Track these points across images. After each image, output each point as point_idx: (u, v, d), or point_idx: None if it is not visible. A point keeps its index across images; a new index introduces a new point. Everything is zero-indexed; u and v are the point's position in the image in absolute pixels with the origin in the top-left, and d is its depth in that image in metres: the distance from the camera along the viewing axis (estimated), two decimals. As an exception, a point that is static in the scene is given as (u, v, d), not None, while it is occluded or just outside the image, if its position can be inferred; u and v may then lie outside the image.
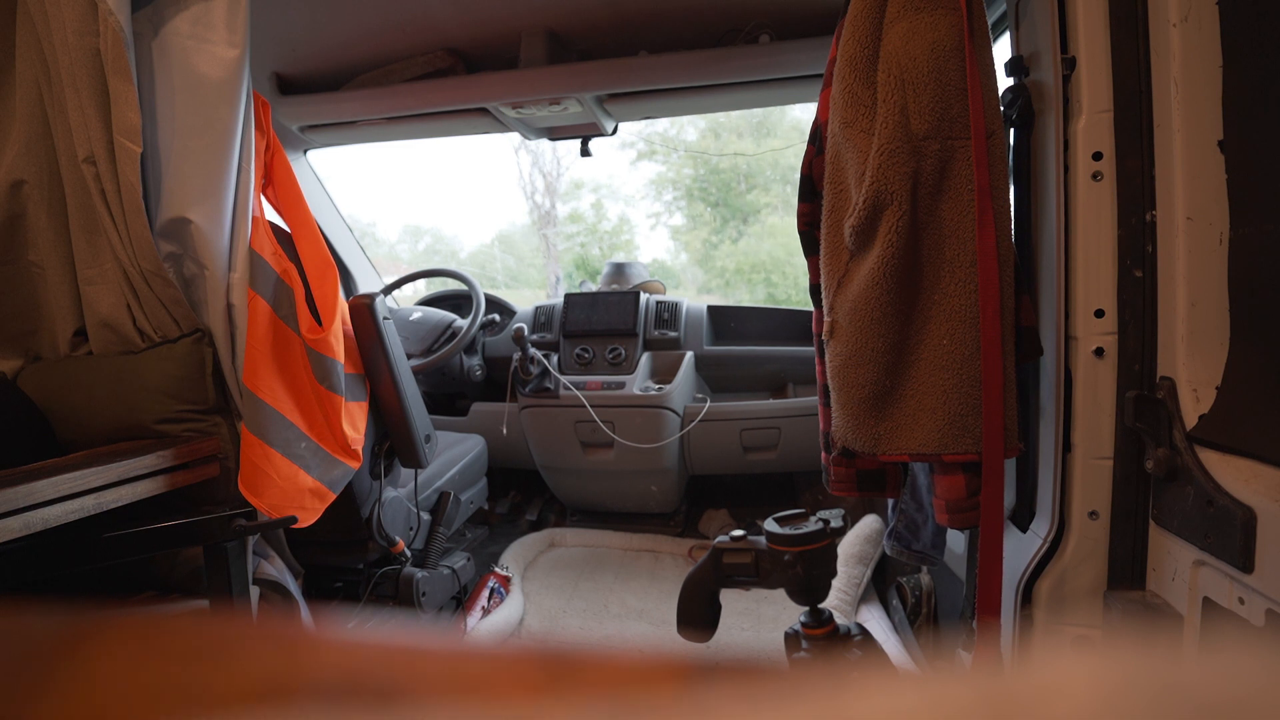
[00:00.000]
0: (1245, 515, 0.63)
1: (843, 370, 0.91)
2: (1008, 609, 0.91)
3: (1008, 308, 0.82)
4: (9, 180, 1.13)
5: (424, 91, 1.83)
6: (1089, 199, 0.81)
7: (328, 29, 1.74)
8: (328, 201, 2.37)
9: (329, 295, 1.24)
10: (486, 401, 2.31)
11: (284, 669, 0.16)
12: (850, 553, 1.78)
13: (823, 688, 0.13)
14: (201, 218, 1.09)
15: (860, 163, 0.86)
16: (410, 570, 1.56)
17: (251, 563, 1.17)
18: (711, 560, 0.92)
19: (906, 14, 0.83)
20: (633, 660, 0.16)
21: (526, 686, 0.15)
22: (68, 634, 0.18)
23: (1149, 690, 0.11)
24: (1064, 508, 0.86)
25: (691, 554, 2.16)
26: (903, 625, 1.54)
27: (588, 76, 1.73)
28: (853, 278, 0.90)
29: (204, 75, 1.08)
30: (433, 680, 0.15)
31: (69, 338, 1.18)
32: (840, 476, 1.05)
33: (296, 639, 0.17)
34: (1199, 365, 0.74)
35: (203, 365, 1.12)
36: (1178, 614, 0.74)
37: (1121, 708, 0.11)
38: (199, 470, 1.09)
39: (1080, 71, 0.81)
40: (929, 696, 0.12)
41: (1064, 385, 0.85)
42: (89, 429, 1.10)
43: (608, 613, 1.85)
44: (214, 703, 0.15)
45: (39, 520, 0.83)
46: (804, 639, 0.91)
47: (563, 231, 11.31)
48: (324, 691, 0.15)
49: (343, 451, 1.26)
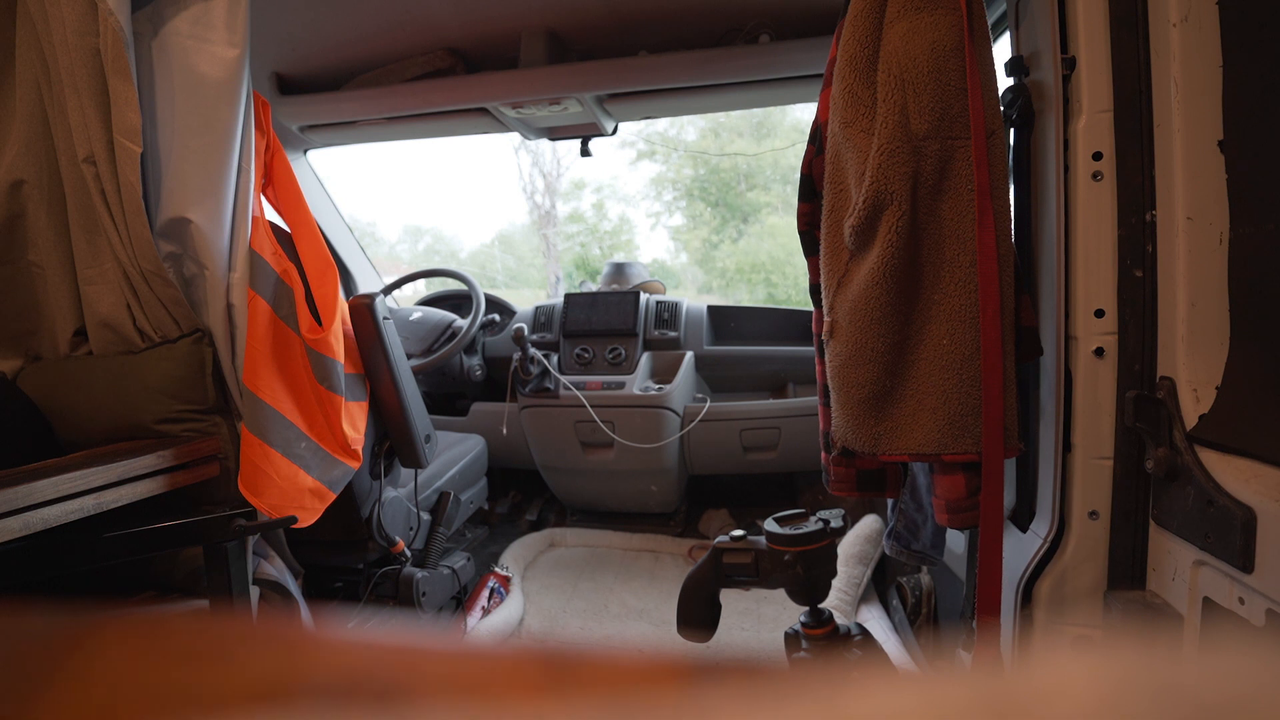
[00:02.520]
0: (1245, 515, 0.63)
1: (843, 370, 0.91)
2: (1008, 609, 0.91)
3: (1008, 308, 0.82)
4: (9, 180, 1.13)
5: (424, 91, 1.83)
6: (1089, 199, 0.81)
7: (328, 29, 1.74)
8: (328, 201, 2.37)
9: (329, 295, 1.24)
10: (486, 401, 2.31)
11: (284, 669, 0.16)
12: (850, 553, 1.78)
13: (823, 688, 0.13)
14: (201, 218, 1.09)
15: (860, 162, 0.86)
16: (410, 570, 1.56)
17: (251, 563, 1.17)
18: (711, 560, 0.92)
19: (906, 14, 0.83)
20: (633, 660, 0.16)
21: (526, 686, 0.15)
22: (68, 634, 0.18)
23: (1149, 690, 0.11)
24: (1064, 508, 0.86)
25: (691, 554, 2.16)
26: (903, 625, 1.54)
27: (588, 76, 1.73)
28: (853, 277, 0.90)
29: (204, 75, 1.08)
30: (433, 680, 0.15)
31: (69, 338, 1.18)
32: (840, 476, 1.05)
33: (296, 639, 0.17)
34: (1199, 365, 0.74)
35: (203, 365, 1.12)
36: (1178, 614, 0.74)
37: (1121, 708, 0.11)
38: (199, 470, 1.09)
39: (1080, 71, 0.81)
40: (929, 696, 0.12)
41: (1064, 385, 0.85)
42: (89, 429, 1.10)
43: (608, 613, 1.85)
44: (214, 703, 0.15)
45: (39, 520, 0.83)
46: (804, 639, 0.91)
47: (563, 231, 11.31)
48: (324, 691, 0.15)
49: (343, 451, 1.26)
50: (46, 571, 1.00)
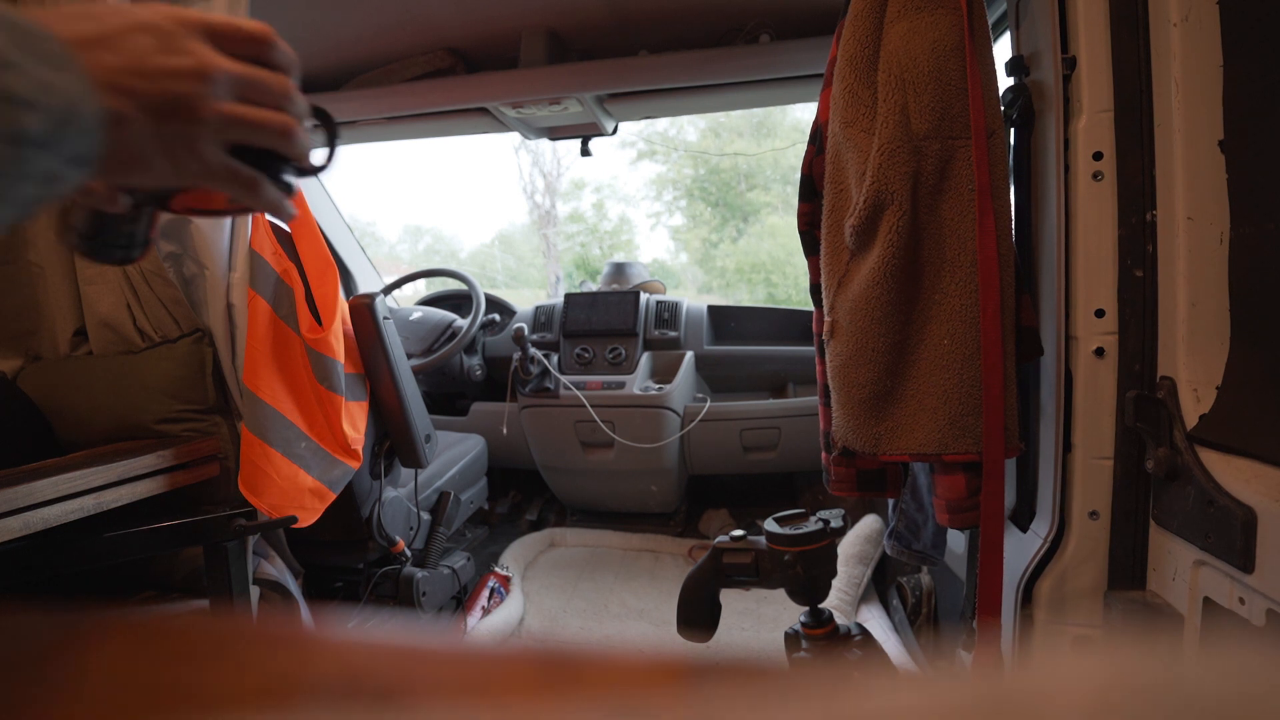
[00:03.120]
0: (1245, 515, 0.63)
1: (843, 370, 0.91)
2: (1008, 609, 0.91)
3: (1008, 308, 0.82)
4: (9, 180, 1.13)
5: (424, 91, 1.83)
6: (1089, 199, 0.81)
7: (328, 29, 1.74)
8: (328, 201, 2.37)
9: (329, 295, 1.24)
10: (486, 401, 2.31)
11: (284, 669, 0.16)
12: (850, 553, 1.78)
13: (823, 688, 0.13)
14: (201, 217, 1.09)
15: (860, 162, 0.86)
16: (410, 570, 1.56)
17: (251, 563, 1.17)
18: (711, 560, 0.92)
19: (907, 13, 0.83)
20: (633, 660, 0.16)
21: (526, 686, 0.15)
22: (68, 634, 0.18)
23: (1149, 690, 0.11)
24: (1064, 508, 0.86)
25: (691, 554, 2.16)
26: (903, 625, 1.54)
27: (588, 76, 1.73)
28: (853, 277, 0.90)
29: (204, 75, 1.08)
30: (432, 680, 0.15)
31: (69, 338, 1.18)
32: (840, 476, 1.05)
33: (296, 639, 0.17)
34: (1199, 365, 0.74)
35: (203, 365, 1.12)
36: (1178, 614, 0.74)
37: (1122, 708, 0.11)
38: (199, 470, 1.09)
39: (1080, 71, 0.81)
40: (929, 696, 0.12)
41: (1064, 385, 0.85)
42: (89, 429, 1.11)
43: (608, 613, 1.85)
44: (214, 703, 0.15)
45: (39, 520, 0.83)
46: (804, 639, 0.91)
47: (563, 231, 11.31)
48: (324, 691, 0.15)
49: (343, 451, 1.26)
50: (46, 571, 1.00)
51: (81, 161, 0.28)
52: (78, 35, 0.29)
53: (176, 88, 0.32)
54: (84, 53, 0.29)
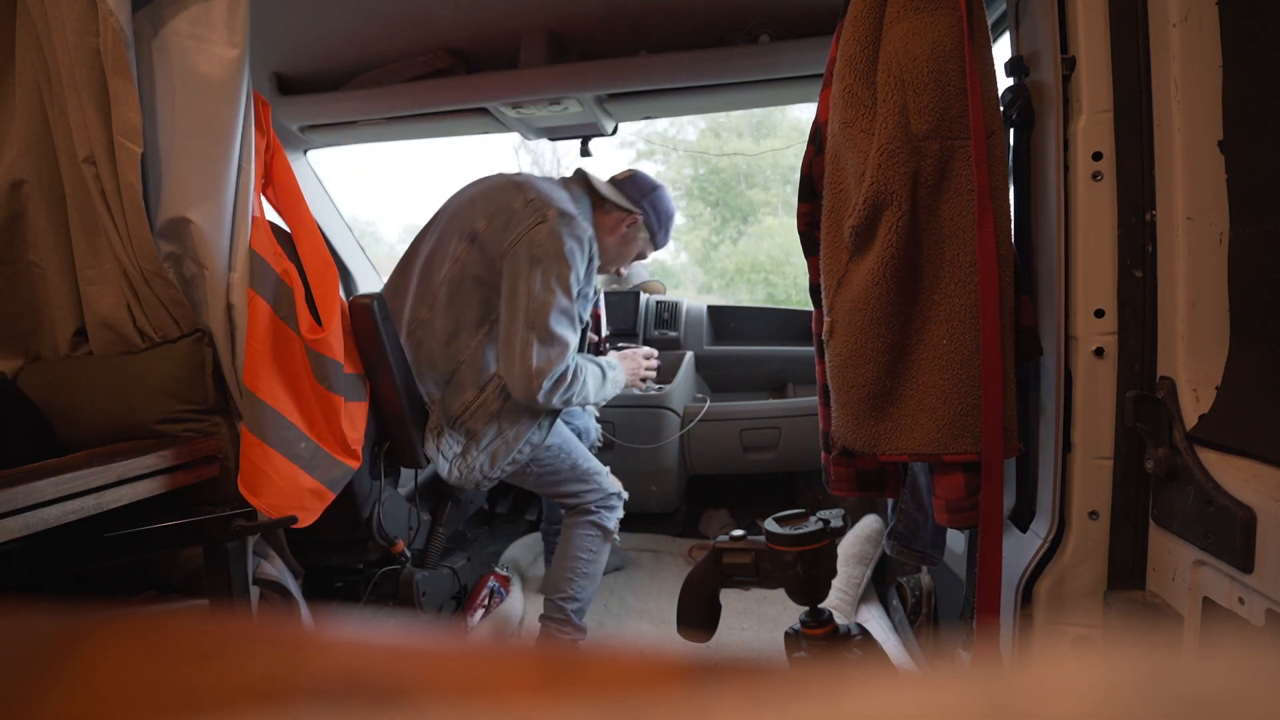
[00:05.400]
0: (1245, 515, 0.63)
1: (842, 370, 0.91)
2: (1008, 609, 0.91)
3: (1008, 308, 0.82)
4: (9, 180, 1.13)
5: (424, 91, 1.83)
6: (1089, 199, 0.81)
7: (328, 29, 1.74)
8: (328, 201, 2.36)
9: (329, 295, 1.24)
10: (486, 401, 2.31)
11: (284, 669, 0.16)
12: (850, 553, 1.78)
13: (823, 688, 0.13)
14: (201, 218, 1.09)
15: (860, 163, 0.86)
16: (410, 570, 1.55)
17: (251, 563, 1.17)
18: (711, 560, 0.92)
19: (906, 14, 0.83)
20: (633, 660, 0.16)
21: (526, 686, 0.15)
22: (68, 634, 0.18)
23: (1149, 690, 0.11)
24: (1064, 508, 0.86)
25: (691, 554, 2.16)
26: (903, 625, 1.54)
27: (588, 76, 1.73)
28: (852, 278, 0.90)
29: (204, 75, 1.08)
30: (432, 680, 0.15)
31: (69, 338, 1.17)
32: (840, 476, 1.05)
33: (296, 639, 0.17)
34: (1199, 365, 0.74)
35: (203, 365, 1.12)
36: (1178, 614, 0.74)
37: (1121, 708, 0.11)
38: (199, 470, 1.09)
39: (1080, 71, 0.81)
40: (929, 696, 0.12)
41: (1064, 385, 0.85)
42: (89, 429, 1.10)
43: (608, 613, 1.85)
44: (214, 703, 0.15)
45: (39, 520, 0.83)
46: (804, 639, 0.91)
47: (563, 231, 11.27)
48: (324, 691, 0.15)
49: (343, 451, 1.26)
50: (46, 571, 1.00)
51: None
52: None
53: None
54: None
